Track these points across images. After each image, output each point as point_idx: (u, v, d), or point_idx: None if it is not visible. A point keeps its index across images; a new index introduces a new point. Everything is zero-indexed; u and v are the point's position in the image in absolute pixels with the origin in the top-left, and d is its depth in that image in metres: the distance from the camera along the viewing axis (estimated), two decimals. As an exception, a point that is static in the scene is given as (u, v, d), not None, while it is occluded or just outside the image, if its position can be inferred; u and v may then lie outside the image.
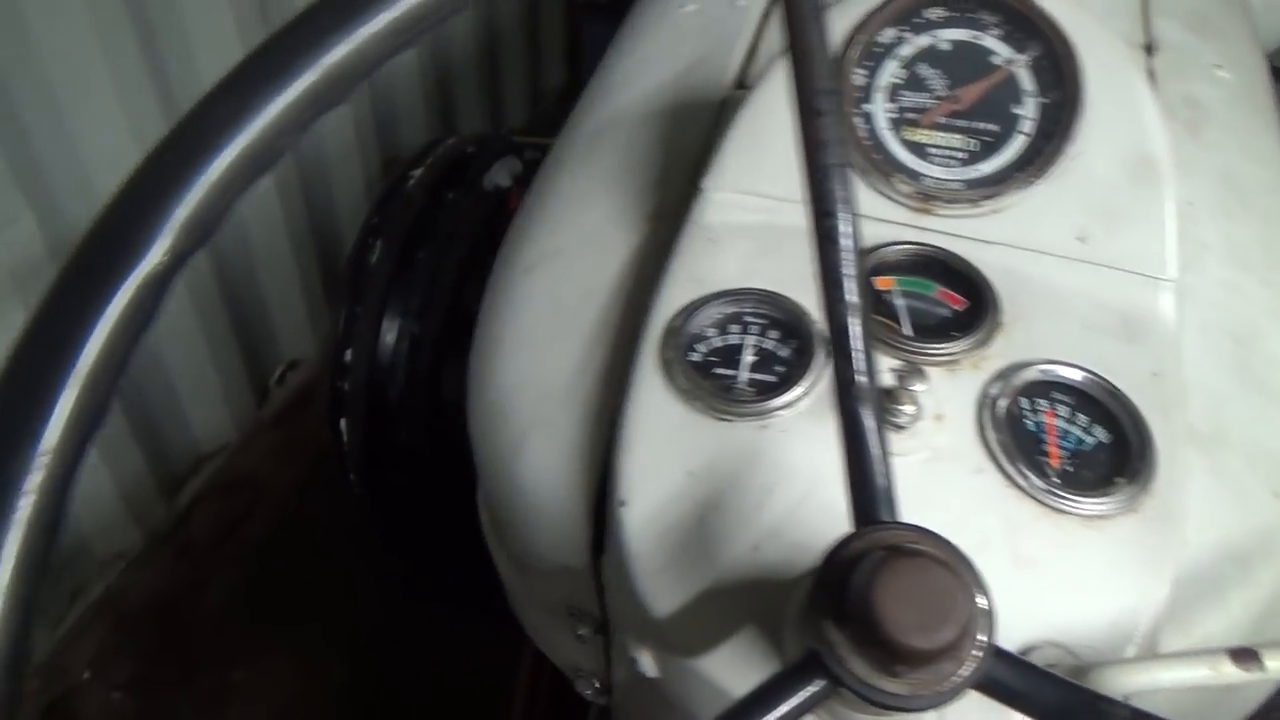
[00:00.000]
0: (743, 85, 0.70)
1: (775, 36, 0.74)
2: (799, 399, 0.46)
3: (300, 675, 1.31)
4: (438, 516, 1.44)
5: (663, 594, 0.43)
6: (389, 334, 1.16)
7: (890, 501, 0.33)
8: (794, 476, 0.44)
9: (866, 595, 0.30)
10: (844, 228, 0.34)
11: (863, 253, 0.37)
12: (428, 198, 1.24)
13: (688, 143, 0.64)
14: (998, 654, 0.32)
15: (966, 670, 0.30)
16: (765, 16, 0.76)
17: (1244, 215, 0.60)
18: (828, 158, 0.34)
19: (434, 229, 1.21)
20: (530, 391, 0.54)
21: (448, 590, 1.46)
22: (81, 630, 1.32)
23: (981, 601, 0.31)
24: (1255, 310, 0.55)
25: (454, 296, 1.22)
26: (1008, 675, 0.32)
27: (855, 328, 0.34)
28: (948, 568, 0.31)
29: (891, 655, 0.30)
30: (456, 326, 1.47)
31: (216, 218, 0.32)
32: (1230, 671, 0.35)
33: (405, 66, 1.74)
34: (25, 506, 0.27)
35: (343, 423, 1.15)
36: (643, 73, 0.72)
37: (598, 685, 0.63)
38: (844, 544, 0.33)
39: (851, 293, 0.34)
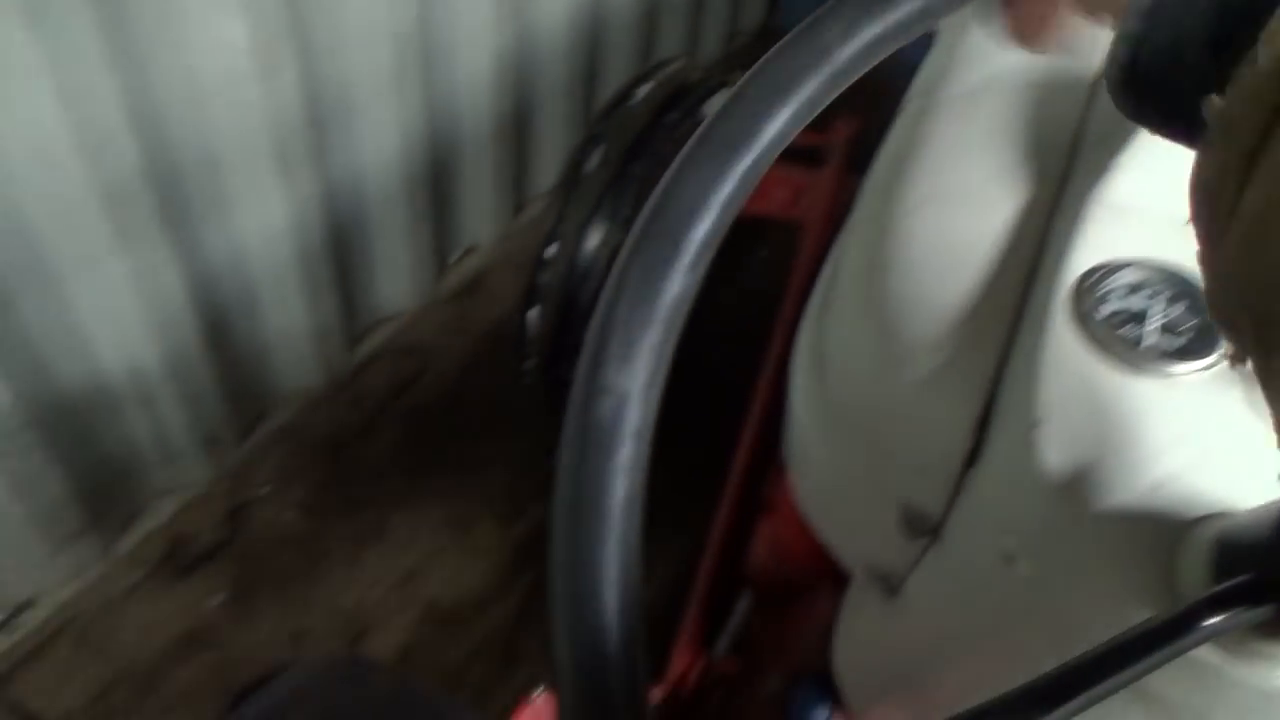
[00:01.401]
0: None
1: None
2: (1205, 368, 0.52)
3: (453, 531, 1.40)
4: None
5: (1064, 507, 0.50)
6: (593, 238, 1.20)
7: None
8: (1193, 436, 0.51)
9: None
10: None
11: None
12: (649, 116, 1.28)
13: (1062, 116, 0.69)
14: None
15: None
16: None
17: None
18: None
19: (650, 147, 1.24)
20: (922, 315, 0.60)
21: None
22: (265, 450, 1.43)
23: None
24: None
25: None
26: None
27: None
28: None
29: None
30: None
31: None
32: None
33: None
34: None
35: (531, 312, 1.21)
36: (1001, 48, 0.77)
37: (889, 582, 0.69)
38: None
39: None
